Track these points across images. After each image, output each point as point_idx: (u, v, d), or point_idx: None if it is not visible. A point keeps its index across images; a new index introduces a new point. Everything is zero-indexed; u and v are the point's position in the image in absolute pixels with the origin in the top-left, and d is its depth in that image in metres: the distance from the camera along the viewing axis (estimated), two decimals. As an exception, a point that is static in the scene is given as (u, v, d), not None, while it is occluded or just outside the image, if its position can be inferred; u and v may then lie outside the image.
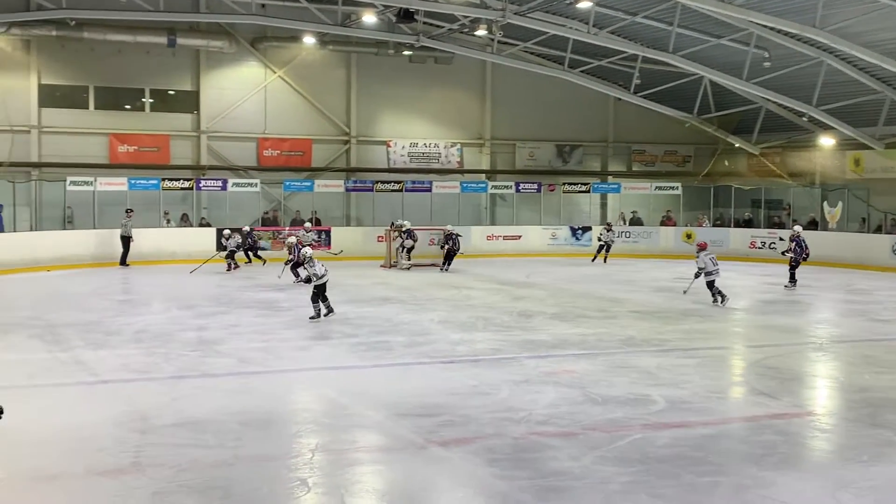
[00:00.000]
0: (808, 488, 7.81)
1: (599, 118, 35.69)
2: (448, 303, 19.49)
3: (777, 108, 30.74)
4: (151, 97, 30.65)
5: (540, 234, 32.65)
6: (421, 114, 33.57)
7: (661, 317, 17.59)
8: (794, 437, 9.50)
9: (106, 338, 14.77)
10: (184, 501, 7.34)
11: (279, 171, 31.43)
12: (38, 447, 8.67)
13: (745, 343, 15.93)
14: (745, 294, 21.44)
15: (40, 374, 12.23)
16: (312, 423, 10.12)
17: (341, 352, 13.97)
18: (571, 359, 13.36)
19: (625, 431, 9.38)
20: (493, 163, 34.84)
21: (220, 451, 8.72)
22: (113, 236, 26.62)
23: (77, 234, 26.93)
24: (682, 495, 7.52)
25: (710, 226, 32.84)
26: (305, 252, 17.08)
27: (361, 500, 7.52)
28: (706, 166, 35.88)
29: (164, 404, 10.46)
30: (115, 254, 26.35)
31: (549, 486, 7.75)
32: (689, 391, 11.28)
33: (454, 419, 9.89)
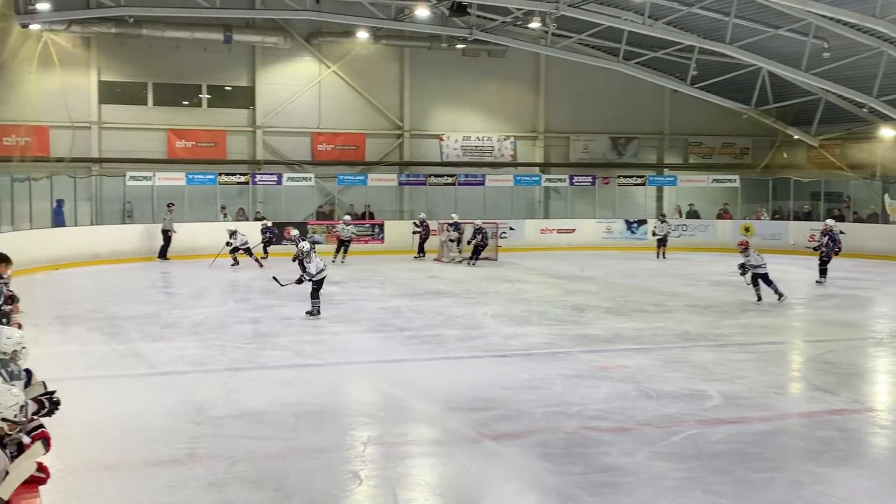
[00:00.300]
0: (866, 485, 7.67)
1: (655, 110, 35.33)
2: (501, 296, 19.46)
3: (837, 98, 30.18)
4: (208, 93, 30.98)
5: (594, 227, 32.44)
6: (474, 107, 33.51)
7: (718, 311, 17.39)
8: (852, 433, 9.33)
9: (163, 330, 14.98)
10: (238, 492, 7.42)
11: (333, 166, 31.59)
12: (95, 438, 8.83)
13: (804, 338, 15.69)
14: (804, 288, 21.09)
15: (99, 365, 12.46)
16: (365, 416, 10.17)
17: (394, 345, 14.02)
18: (625, 353, 13.26)
19: (679, 427, 9.28)
20: (547, 156, 34.67)
21: (275, 443, 8.80)
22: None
23: (136, 228, 27.30)
24: (736, 491, 7.42)
25: (768, 219, 32.37)
26: (303, 247, 16.56)
27: (413, 493, 7.53)
28: (764, 158, 35.38)
29: (219, 396, 10.58)
30: (173, 248, 26.69)
31: (602, 481, 7.70)
32: (746, 386, 11.13)
33: (507, 413, 9.87)
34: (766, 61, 28.16)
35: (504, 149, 33.97)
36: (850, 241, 28.79)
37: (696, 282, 22.10)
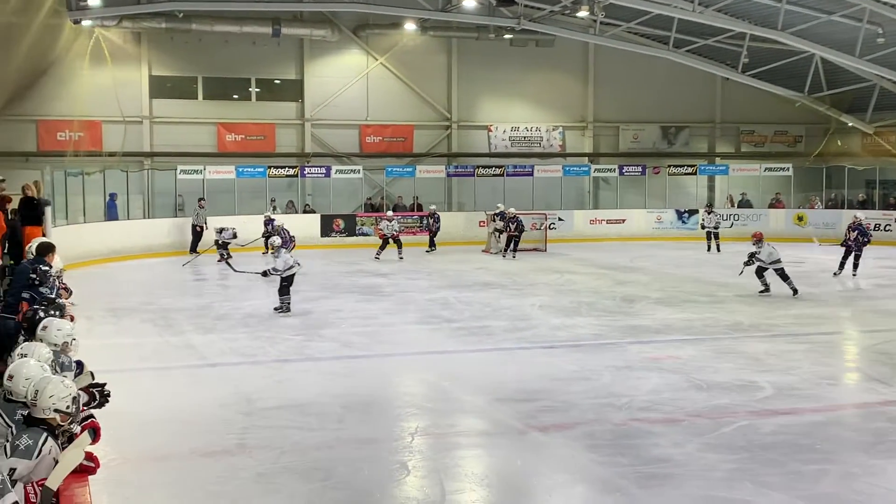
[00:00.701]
0: (923, 478, 7.52)
1: (706, 98, 34.91)
2: (550, 287, 19.37)
3: (892, 85, 29.54)
4: (257, 86, 31.22)
5: (645, 217, 32.16)
6: (522, 98, 33.36)
7: (770, 301, 17.15)
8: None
9: (214, 322, 15.13)
10: (287, 482, 7.47)
11: (381, 158, 31.67)
12: (148, 428, 8.94)
13: (858, 328, 15.43)
14: (859, 278, 20.73)
15: (152, 357, 12.62)
16: (413, 407, 10.19)
17: (442, 336, 14.04)
18: (676, 344, 13.14)
19: (730, 418, 9.18)
20: (596, 145, 34.44)
21: (323, 434, 8.85)
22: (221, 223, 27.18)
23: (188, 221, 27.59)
24: (787, 483, 7.32)
25: (822, 208, 31.85)
26: (274, 241, 16.24)
27: (460, 484, 7.53)
28: (818, 146, 34.82)
29: (268, 387, 10.67)
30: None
31: (651, 472, 7.64)
32: (798, 377, 10.97)
33: (554, 404, 9.83)
34: (819, 48, 27.68)
35: (553, 139, 33.81)
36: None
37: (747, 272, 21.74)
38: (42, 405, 4.87)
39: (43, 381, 4.99)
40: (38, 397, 4.88)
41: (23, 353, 5.73)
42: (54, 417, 4.89)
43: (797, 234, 28.91)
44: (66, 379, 5.14)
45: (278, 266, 15.79)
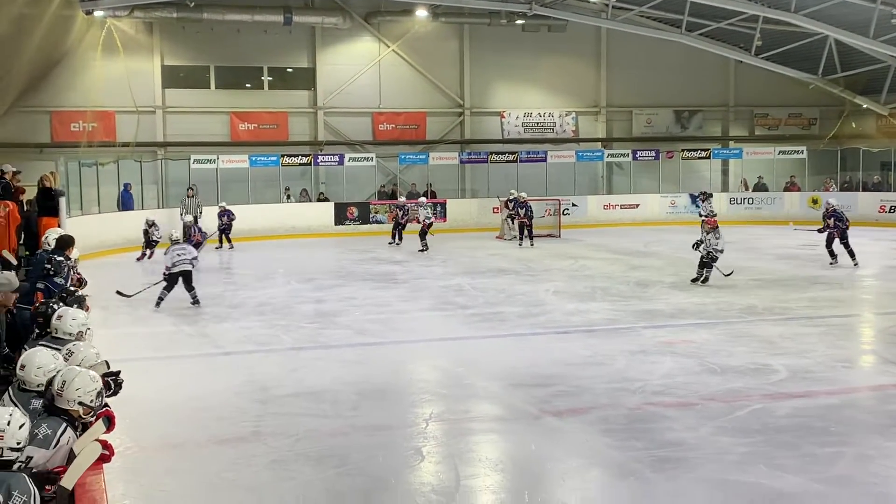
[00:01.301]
0: (939, 460, 7.50)
1: (719, 82, 34.76)
2: (564, 273, 19.36)
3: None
4: (270, 75, 31.25)
5: (659, 202, 32.08)
6: (535, 83, 33.28)
7: (785, 285, 17.09)
8: (924, 407, 9.12)
9: (229, 311, 15.19)
10: (301, 469, 7.50)
11: (394, 145, 31.68)
12: (164, 416, 9.00)
13: (874, 310, 15.38)
14: (875, 260, 20.65)
15: (166, 346, 12.68)
16: (427, 394, 10.21)
17: (456, 323, 14.05)
18: (690, 328, 13.12)
19: (744, 401, 9.16)
20: (609, 130, 34.34)
21: (337, 421, 8.88)
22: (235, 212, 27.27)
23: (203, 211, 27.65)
24: (802, 466, 7.31)
25: (836, 190, 31.65)
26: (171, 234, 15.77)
27: (474, 469, 7.55)
28: (832, 129, 34.62)
29: (283, 375, 10.71)
30: (237, 230, 26.96)
31: (665, 456, 7.64)
32: (813, 360, 10.94)
33: (568, 389, 9.84)
34: (833, 29, 27.49)
35: (565, 124, 33.73)
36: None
37: (761, 255, 21.74)
38: (68, 397, 4.90)
39: (70, 372, 5.02)
40: (64, 388, 4.92)
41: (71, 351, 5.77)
42: (77, 409, 4.93)
43: (813, 217, 28.74)
44: (92, 372, 5.17)
45: (168, 262, 15.33)
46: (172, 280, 15.22)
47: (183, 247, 15.54)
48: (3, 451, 4.24)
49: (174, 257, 15.25)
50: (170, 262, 15.27)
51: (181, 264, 15.22)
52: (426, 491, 7.15)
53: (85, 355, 5.67)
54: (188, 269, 15.34)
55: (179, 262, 15.21)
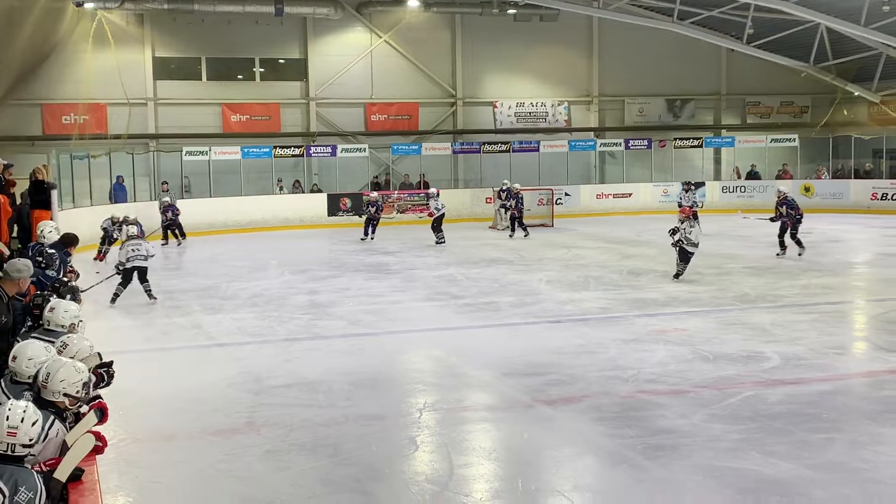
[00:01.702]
0: (930, 445, 7.53)
1: (711, 70, 34.78)
2: (557, 262, 19.38)
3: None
4: (261, 66, 31.20)
5: (651, 191, 32.11)
6: (527, 73, 33.27)
7: (777, 272, 17.13)
8: (915, 393, 9.16)
9: (222, 302, 15.18)
10: (295, 459, 7.52)
11: (387, 136, 31.67)
12: (157, 408, 9.00)
13: (866, 297, 15.42)
14: (867, 247, 20.70)
15: (159, 338, 12.68)
16: (421, 383, 10.22)
17: (449, 313, 14.06)
18: (682, 316, 13.15)
19: (736, 389, 9.19)
20: (602, 120, 34.35)
21: (331, 411, 8.89)
22: (227, 204, 27.31)
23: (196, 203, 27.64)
24: (794, 452, 7.34)
25: (829, 178, 31.77)
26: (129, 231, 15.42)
27: (468, 458, 7.56)
28: (824, 116, 34.67)
29: (276, 366, 10.71)
30: (230, 221, 27.00)
31: (658, 444, 7.66)
32: (805, 347, 10.97)
33: (561, 378, 9.86)
34: (824, 17, 27.51)
35: (558, 114, 33.74)
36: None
37: (754, 244, 21.78)
38: (53, 388, 4.90)
39: (55, 363, 5.01)
40: (49, 380, 4.91)
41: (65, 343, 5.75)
42: (63, 401, 4.92)
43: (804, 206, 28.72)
44: (79, 363, 5.16)
45: (121, 258, 14.99)
46: (127, 275, 14.87)
47: (139, 242, 15.15)
48: (14, 447, 4.23)
49: (129, 252, 14.85)
50: (124, 258, 14.88)
51: (135, 259, 14.84)
52: (420, 480, 7.17)
53: (79, 348, 5.67)
54: (143, 266, 14.97)
55: (134, 257, 14.83)
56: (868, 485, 6.73)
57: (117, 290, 14.81)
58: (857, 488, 6.66)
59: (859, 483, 6.76)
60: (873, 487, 6.68)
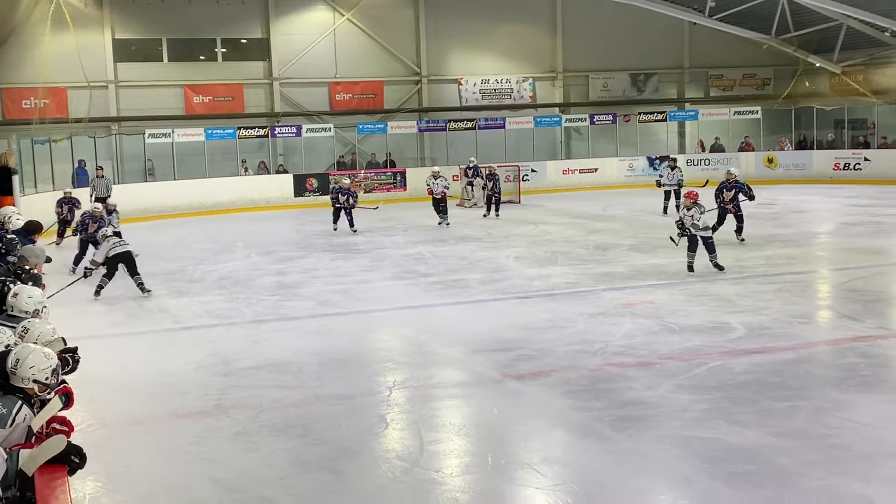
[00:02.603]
0: (891, 410, 7.68)
1: (674, 44, 34.82)
2: (524, 239, 19.43)
3: (858, 24, 29.56)
4: (223, 47, 30.88)
5: (617, 165, 32.19)
6: (491, 50, 33.17)
7: (742, 244, 17.27)
8: (877, 359, 9.31)
9: (189, 285, 15.10)
10: (265, 440, 7.52)
11: (352, 115, 31.49)
12: (124, 392, 8.97)
13: (829, 266, 15.61)
14: (830, 217, 20.92)
15: (126, 322, 12.61)
16: (390, 362, 10.25)
17: (418, 291, 14.08)
18: (648, 289, 13.25)
19: (702, 359, 9.30)
20: (567, 96, 34.35)
21: (300, 391, 8.91)
22: (192, 186, 27.11)
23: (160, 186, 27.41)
24: (759, 420, 7.44)
25: (791, 149, 32.02)
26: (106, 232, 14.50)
27: (438, 434, 7.61)
28: (786, 88, 34.85)
29: (245, 348, 10.70)
30: (195, 204, 26.79)
31: (626, 415, 7.75)
32: (770, 317, 11.11)
33: (530, 353, 9.92)
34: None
35: (523, 90, 33.71)
36: (875, 168, 28.65)
37: (719, 216, 21.88)
38: (21, 374, 4.86)
39: (23, 350, 4.98)
40: (18, 366, 4.88)
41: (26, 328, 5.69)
42: (32, 387, 4.89)
43: (768, 177, 29.15)
44: (47, 349, 5.13)
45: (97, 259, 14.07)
46: (112, 265, 13.93)
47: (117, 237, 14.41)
48: None
49: (111, 245, 13.91)
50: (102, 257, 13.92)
51: (119, 246, 13.90)
52: (390, 457, 7.21)
53: (41, 331, 5.62)
54: (128, 251, 13.98)
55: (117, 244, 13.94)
56: (832, 451, 6.84)
57: (101, 283, 13.94)
58: (822, 454, 6.77)
59: (824, 449, 6.88)
60: (837, 453, 6.79)
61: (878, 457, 6.64)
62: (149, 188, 27.36)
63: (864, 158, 29.55)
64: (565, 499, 6.13)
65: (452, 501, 6.31)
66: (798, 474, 6.36)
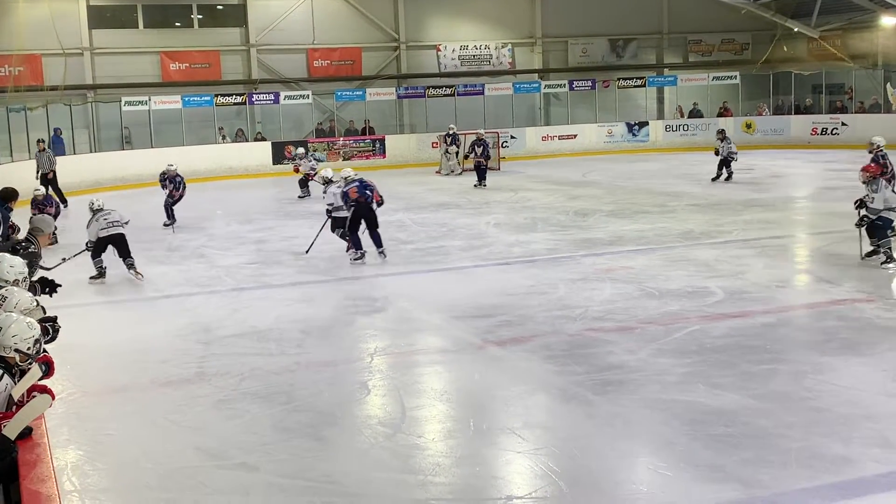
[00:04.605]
0: (869, 372, 7.75)
1: (653, 9, 34.71)
2: (504, 205, 19.43)
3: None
4: (200, 13, 30.53)
5: (596, 131, 32.17)
6: (470, 15, 32.97)
7: (721, 209, 17.35)
8: (855, 322, 9.39)
9: (168, 254, 15.05)
10: (247, 408, 7.53)
11: (330, 82, 31.27)
12: (106, 361, 8.95)
13: (808, 231, 15.71)
14: (808, 181, 21.03)
15: (106, 291, 12.55)
16: (371, 329, 10.27)
17: (399, 258, 14.05)
18: (628, 255, 13.30)
19: (682, 323, 9.37)
20: (546, 62, 34.23)
21: (282, 359, 8.91)
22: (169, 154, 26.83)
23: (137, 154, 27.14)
24: (739, 384, 7.51)
25: (769, 114, 32.09)
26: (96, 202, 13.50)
27: (419, 400, 7.64)
28: (764, 53, 34.85)
29: (226, 316, 10.68)
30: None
31: (606, 379, 7.80)
32: (749, 281, 11.19)
33: (511, 319, 9.96)
34: (764, -48, 27.58)
35: (502, 56, 33.56)
36: (853, 133, 28.78)
37: (698, 181, 22.00)
38: (4, 343, 4.84)
39: (6, 319, 4.95)
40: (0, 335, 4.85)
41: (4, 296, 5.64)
42: (14, 356, 4.87)
43: (746, 142, 29.17)
44: (29, 319, 5.10)
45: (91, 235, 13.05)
46: (99, 246, 12.95)
47: (109, 211, 13.23)
48: None
49: (102, 225, 12.92)
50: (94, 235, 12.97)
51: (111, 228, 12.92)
52: (373, 423, 7.24)
53: (19, 299, 5.58)
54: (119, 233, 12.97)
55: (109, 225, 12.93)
56: (811, 413, 6.92)
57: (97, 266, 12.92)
58: (801, 416, 6.84)
59: (802, 412, 6.95)
60: (816, 415, 6.86)
61: (857, 418, 6.72)
62: (126, 156, 27.11)
63: (842, 123, 29.66)
64: (547, 462, 6.17)
65: (435, 466, 6.35)
66: (777, 436, 6.43)
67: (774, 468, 5.94)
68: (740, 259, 12.58)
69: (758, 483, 5.74)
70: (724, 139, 22.33)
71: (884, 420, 6.65)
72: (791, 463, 6.03)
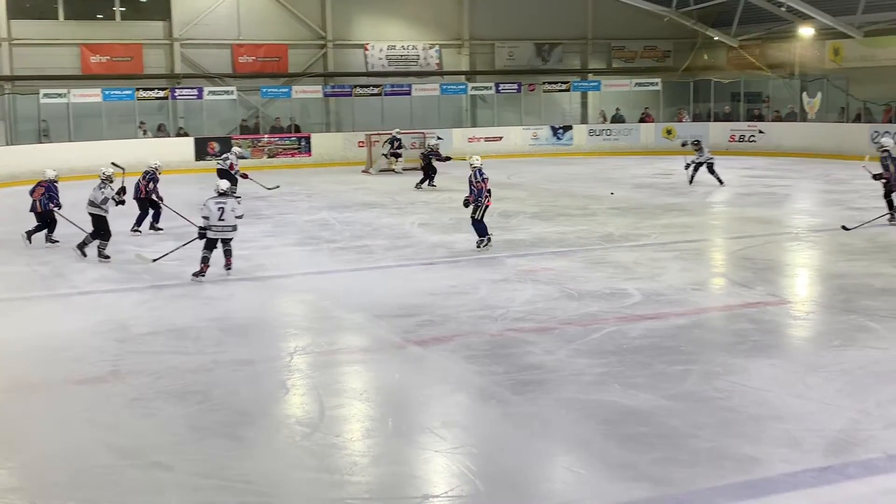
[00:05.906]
0: (779, 373, 7.94)
1: (578, 15, 35.11)
2: (429, 206, 19.49)
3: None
4: (122, 5, 29.99)
5: (521, 134, 32.44)
6: (398, 15, 32.96)
7: (640, 213, 17.64)
8: (767, 324, 9.63)
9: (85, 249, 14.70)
10: (162, 407, 7.43)
11: (255, 78, 30.97)
12: (17, 358, 8.77)
13: (723, 235, 16.03)
14: (725, 187, 21.43)
15: (20, 286, 12.30)
16: (292, 328, 10.22)
17: (322, 257, 14.02)
18: (550, 257, 13.45)
19: (599, 324, 9.50)
20: (473, 64, 34.39)
21: (199, 357, 8.81)
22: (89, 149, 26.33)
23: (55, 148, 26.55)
24: (653, 384, 7.65)
25: (689, 121, 32.68)
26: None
27: (339, 400, 7.63)
28: (685, 61, 35.52)
29: (142, 313, 10.53)
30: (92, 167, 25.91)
31: (525, 379, 7.87)
32: (665, 284, 11.40)
33: (433, 319, 9.99)
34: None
35: (429, 58, 33.61)
36: (768, 140, 29.49)
37: (619, 185, 22.31)
38: None
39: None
40: None
41: None
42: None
43: (666, 148, 29.70)
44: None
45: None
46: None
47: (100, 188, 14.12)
48: None
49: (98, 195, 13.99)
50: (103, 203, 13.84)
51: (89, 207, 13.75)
52: (291, 422, 7.21)
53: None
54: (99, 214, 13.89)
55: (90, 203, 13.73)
56: (722, 413, 7.07)
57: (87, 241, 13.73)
58: (712, 417, 6.99)
59: (714, 411, 7.10)
60: (727, 415, 7.02)
61: (766, 419, 6.89)
62: (43, 149, 26.47)
63: (759, 131, 30.38)
64: (464, 461, 6.21)
65: (352, 465, 6.35)
66: (688, 436, 6.57)
67: (685, 467, 6.06)
68: (658, 262, 12.81)
69: (669, 482, 5.85)
70: (699, 149, 22.15)
71: (792, 420, 6.83)
72: (701, 462, 6.16)
